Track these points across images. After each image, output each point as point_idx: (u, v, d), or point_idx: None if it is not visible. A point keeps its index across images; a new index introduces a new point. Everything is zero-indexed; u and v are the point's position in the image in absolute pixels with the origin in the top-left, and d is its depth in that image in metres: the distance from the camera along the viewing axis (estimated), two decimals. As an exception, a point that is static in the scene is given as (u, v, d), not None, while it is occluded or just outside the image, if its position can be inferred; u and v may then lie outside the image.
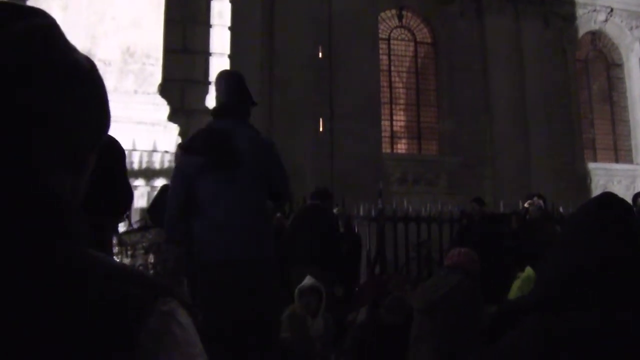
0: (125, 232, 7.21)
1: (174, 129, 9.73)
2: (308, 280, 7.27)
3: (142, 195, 9.04)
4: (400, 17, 21.69)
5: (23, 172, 0.93)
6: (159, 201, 7.04)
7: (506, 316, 2.03)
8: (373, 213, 13.04)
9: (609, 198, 2.05)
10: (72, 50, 1.01)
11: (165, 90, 9.88)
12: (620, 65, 23.23)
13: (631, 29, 22.88)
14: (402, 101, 21.70)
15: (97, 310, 0.88)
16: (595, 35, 23.22)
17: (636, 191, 16.12)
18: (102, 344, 0.86)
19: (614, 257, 1.81)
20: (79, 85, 0.99)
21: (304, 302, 7.09)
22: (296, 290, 7.11)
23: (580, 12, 22.60)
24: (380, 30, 21.09)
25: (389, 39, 21.58)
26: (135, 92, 9.22)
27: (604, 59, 23.42)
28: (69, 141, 0.98)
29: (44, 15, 0.99)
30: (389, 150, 20.67)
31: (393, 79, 21.59)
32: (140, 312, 0.90)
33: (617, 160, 22.78)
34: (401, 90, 21.76)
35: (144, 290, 0.93)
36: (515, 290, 6.51)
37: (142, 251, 6.81)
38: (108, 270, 0.95)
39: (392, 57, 21.59)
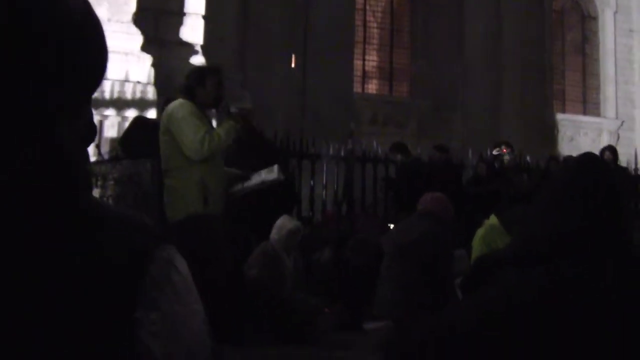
0: (96, 163, 7.17)
1: (147, 59, 9.62)
2: (294, 221, 7.34)
3: (112, 125, 8.98)
4: (378, -45, 21.43)
5: (40, 125, 0.93)
6: (131, 133, 7.00)
7: (483, 270, 2.05)
8: (342, 153, 13.04)
9: (593, 158, 2.08)
10: None
11: (139, 20, 9.73)
12: (595, 18, 23.22)
13: (608, -19, 22.86)
14: (375, 41, 21.55)
15: (102, 258, 0.89)
16: (572, -14, 23.17)
17: (602, 144, 16.32)
18: (107, 291, 0.88)
19: (598, 215, 1.84)
20: (78, 31, 0.98)
21: (291, 242, 7.13)
22: (286, 230, 7.11)
23: (558, -39, 22.52)
24: (357, -32, 20.85)
25: (365, -23, 21.35)
26: (109, 20, 9.05)
27: (579, 11, 23.39)
28: (73, 87, 0.98)
29: None
30: (360, 90, 20.60)
31: (368, 18, 21.40)
32: (143, 260, 0.92)
33: (585, 113, 22.93)
34: (375, 30, 21.59)
35: (145, 238, 0.94)
36: (478, 238, 6.51)
37: (112, 182, 6.79)
38: (111, 216, 0.96)
39: (367, -4, 21.39)
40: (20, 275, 0.86)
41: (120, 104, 9.06)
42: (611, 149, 11.81)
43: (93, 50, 1.00)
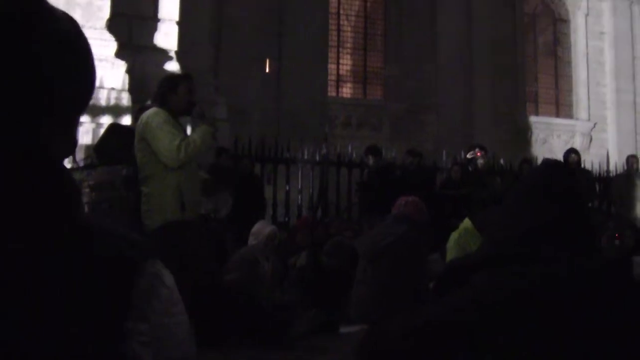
0: (71, 170, 7.14)
1: (121, 65, 9.60)
2: (271, 225, 7.40)
3: (87, 132, 8.95)
4: (351, -41, 21.46)
5: (36, 144, 0.96)
6: (107, 140, 6.98)
7: (454, 273, 2.08)
8: (317, 157, 13.07)
9: (557, 162, 2.15)
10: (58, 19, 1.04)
11: (113, 26, 9.72)
12: (566, 21, 23.40)
13: (579, -16, 23.03)
14: (349, 45, 21.60)
15: (94, 271, 0.93)
16: (544, -11, 23.32)
17: (575, 146, 16.50)
18: (99, 303, 0.92)
19: (563, 217, 1.90)
20: (70, 53, 1.02)
21: (269, 246, 7.18)
22: (263, 235, 7.15)
23: (530, -36, 22.66)
24: (330, -28, 20.87)
25: (339, -19, 21.37)
26: (83, 27, 8.93)
27: (551, 14, 23.56)
28: (66, 105, 1.02)
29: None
30: (334, 94, 20.64)
31: (342, 22, 21.44)
32: (132, 273, 0.96)
33: (557, 115, 23.08)
34: (349, 34, 21.63)
35: (134, 252, 0.99)
36: (453, 241, 6.57)
37: (87, 189, 6.76)
38: (102, 231, 1.00)
39: (341, 0, 21.41)
40: (14, 288, 0.89)
41: (95, 110, 9.03)
42: (576, 151, 11.94)
43: (84, 70, 1.05)
